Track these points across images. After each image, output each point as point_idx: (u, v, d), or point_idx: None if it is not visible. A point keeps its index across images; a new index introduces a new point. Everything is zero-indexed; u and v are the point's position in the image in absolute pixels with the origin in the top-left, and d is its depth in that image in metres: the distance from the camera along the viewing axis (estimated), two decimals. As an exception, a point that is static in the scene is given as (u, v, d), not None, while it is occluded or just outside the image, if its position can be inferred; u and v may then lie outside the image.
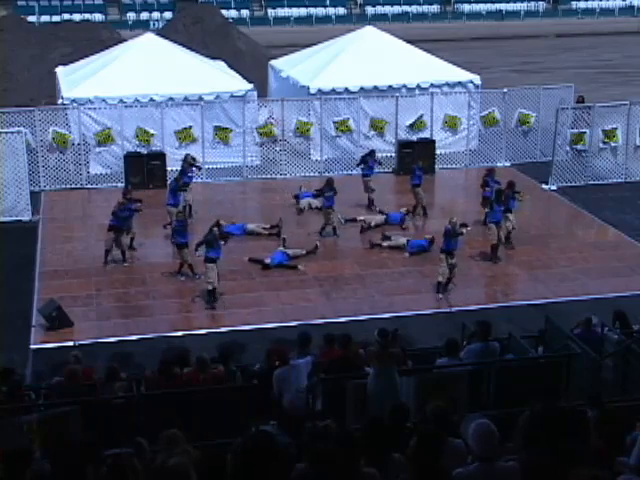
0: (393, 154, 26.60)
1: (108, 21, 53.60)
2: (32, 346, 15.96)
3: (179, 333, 16.42)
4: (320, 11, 60.05)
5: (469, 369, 11.76)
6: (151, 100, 25.54)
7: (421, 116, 27.10)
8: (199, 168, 23.49)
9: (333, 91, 26.80)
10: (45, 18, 53.27)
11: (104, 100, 25.30)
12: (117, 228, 19.25)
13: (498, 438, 6.51)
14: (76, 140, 24.90)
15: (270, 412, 10.89)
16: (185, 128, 25.72)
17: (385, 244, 20.32)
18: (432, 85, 27.50)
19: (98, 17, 54.43)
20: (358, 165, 23.53)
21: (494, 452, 6.46)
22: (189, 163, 22.38)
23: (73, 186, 24.86)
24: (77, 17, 51.64)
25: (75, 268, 19.40)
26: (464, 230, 18.22)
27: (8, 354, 15.00)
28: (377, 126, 26.95)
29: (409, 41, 30.71)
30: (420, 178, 22.39)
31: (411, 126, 27.10)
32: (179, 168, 22.52)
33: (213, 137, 25.86)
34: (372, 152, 23.37)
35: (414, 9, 61.23)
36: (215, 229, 17.90)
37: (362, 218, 21.75)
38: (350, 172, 25.39)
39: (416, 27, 55.00)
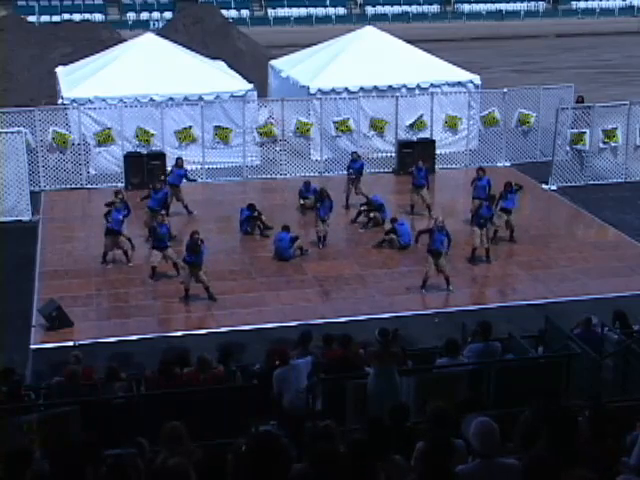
0: (393, 154, 26.61)
1: (108, 21, 53.61)
2: (32, 346, 15.95)
3: (179, 333, 16.42)
4: (320, 11, 60.04)
5: (469, 369, 11.76)
6: (151, 100, 25.54)
7: (421, 116, 27.10)
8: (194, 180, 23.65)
9: (333, 91, 26.80)
10: (45, 18, 53.27)
11: (104, 100, 25.31)
12: (114, 232, 19.29)
13: (498, 435, 6.53)
14: (76, 140, 24.90)
15: (270, 412, 10.89)
16: (185, 128, 25.73)
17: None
18: (432, 85, 27.50)
19: (98, 17, 54.44)
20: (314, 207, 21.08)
21: (495, 449, 6.49)
22: (179, 165, 22.58)
23: (73, 186, 24.86)
24: (77, 17, 51.63)
25: (75, 268, 19.40)
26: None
27: (8, 354, 15.00)
28: (377, 126, 26.95)
29: (409, 41, 30.72)
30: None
31: (411, 126, 27.10)
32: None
33: (213, 137, 25.86)
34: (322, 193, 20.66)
35: (414, 9, 61.23)
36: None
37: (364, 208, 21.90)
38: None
39: (416, 27, 54.99)
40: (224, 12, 49.10)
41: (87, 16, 52.57)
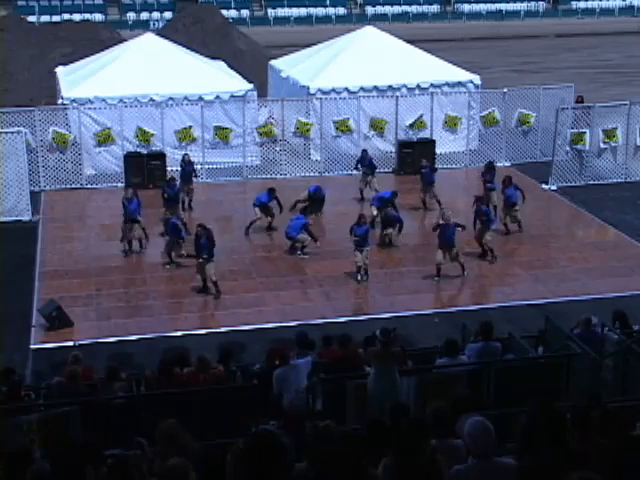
0: (393, 154, 26.60)
1: (108, 21, 53.70)
2: (32, 346, 15.95)
3: (179, 333, 16.42)
4: (320, 11, 60.09)
5: (469, 369, 11.76)
6: (151, 100, 25.54)
7: (421, 116, 27.09)
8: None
9: (333, 91, 26.80)
10: (45, 18, 53.32)
11: (104, 100, 25.31)
12: (132, 220, 19.68)
13: (494, 435, 6.49)
14: (76, 140, 24.90)
15: (270, 412, 10.89)
16: (185, 128, 25.72)
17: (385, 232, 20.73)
18: (432, 85, 27.51)
19: (98, 17, 54.50)
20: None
21: (490, 448, 6.44)
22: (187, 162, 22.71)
23: (73, 186, 24.86)
24: (77, 17, 51.68)
25: (75, 268, 19.40)
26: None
27: (8, 354, 15.00)
28: (377, 126, 26.95)
29: (409, 41, 30.71)
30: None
31: (411, 126, 27.09)
32: (178, 168, 22.87)
33: (213, 137, 25.86)
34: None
35: (414, 9, 61.29)
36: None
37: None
38: (350, 172, 25.41)
39: (416, 27, 55.03)
40: (224, 12, 49.15)
41: (87, 16, 52.63)
